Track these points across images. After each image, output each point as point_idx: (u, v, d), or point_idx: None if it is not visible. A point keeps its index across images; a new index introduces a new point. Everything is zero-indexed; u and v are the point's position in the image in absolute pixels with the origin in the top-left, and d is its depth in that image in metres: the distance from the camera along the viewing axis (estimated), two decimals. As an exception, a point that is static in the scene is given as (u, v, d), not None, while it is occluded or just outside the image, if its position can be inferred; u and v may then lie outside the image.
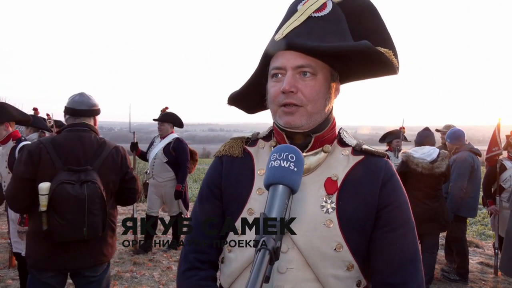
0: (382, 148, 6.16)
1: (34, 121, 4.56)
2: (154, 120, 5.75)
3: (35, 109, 5.40)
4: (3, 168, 3.59)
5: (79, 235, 2.36)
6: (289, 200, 0.87)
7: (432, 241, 4.48)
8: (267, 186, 0.88)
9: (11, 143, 3.57)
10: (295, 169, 0.88)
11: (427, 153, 4.25)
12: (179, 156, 5.53)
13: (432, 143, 4.45)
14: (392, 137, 5.96)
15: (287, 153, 0.90)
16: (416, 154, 4.26)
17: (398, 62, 1.10)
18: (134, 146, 5.75)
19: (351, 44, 1.05)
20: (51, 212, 2.30)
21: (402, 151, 4.85)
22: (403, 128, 5.70)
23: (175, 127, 5.84)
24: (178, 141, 5.60)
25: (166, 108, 5.85)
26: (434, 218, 4.30)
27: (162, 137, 5.68)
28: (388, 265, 1.07)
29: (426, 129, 4.65)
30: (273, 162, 0.89)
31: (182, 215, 5.65)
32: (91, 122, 2.66)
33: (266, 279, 0.74)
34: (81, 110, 2.60)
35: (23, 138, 3.69)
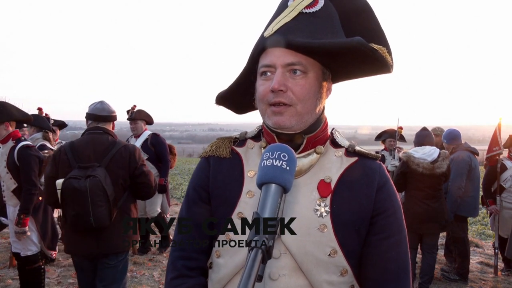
0: (379, 147, 6.12)
1: (37, 121, 4.54)
2: (128, 119, 5.57)
3: (39, 109, 5.39)
4: (1, 168, 3.58)
5: (87, 224, 2.67)
6: (282, 200, 0.86)
7: (432, 241, 4.47)
8: (260, 185, 0.87)
9: (10, 143, 3.56)
10: (288, 168, 0.87)
11: (428, 153, 4.24)
12: (159, 151, 5.36)
13: (431, 142, 4.45)
14: (386, 136, 5.94)
15: (280, 152, 0.89)
16: (417, 154, 4.25)
17: (392, 60, 1.06)
18: None
19: (343, 41, 1.01)
20: (64, 204, 2.68)
21: (402, 151, 4.83)
22: (401, 128, 5.69)
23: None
24: (155, 136, 5.45)
25: (135, 106, 5.65)
26: (435, 218, 4.29)
27: (137, 136, 5.48)
28: (383, 272, 1.06)
29: (424, 129, 4.63)
30: (265, 161, 0.88)
31: (164, 215, 5.46)
32: (110, 127, 3.02)
33: (259, 278, 0.73)
34: (102, 116, 2.98)
35: (22, 138, 3.67)
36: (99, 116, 2.96)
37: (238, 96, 1.23)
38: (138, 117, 5.50)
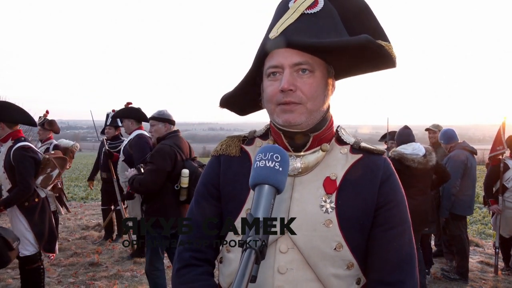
0: (382, 147, 6.20)
1: None
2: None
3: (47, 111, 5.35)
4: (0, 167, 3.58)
5: None
6: (275, 200, 0.88)
7: (416, 238, 4.38)
8: (253, 186, 0.89)
9: (9, 143, 3.55)
10: (280, 169, 0.88)
11: (418, 148, 4.25)
12: (134, 154, 4.83)
13: (414, 140, 4.44)
14: (389, 138, 5.96)
15: (272, 153, 0.90)
16: (408, 151, 4.24)
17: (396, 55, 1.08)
18: (108, 154, 5.42)
19: (351, 39, 1.03)
20: (191, 188, 3.54)
21: (391, 150, 4.84)
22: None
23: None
24: (137, 138, 4.87)
25: (129, 103, 5.32)
26: (422, 213, 4.24)
27: (129, 134, 5.16)
28: (386, 263, 1.07)
29: (406, 127, 4.62)
30: (258, 162, 0.90)
31: None
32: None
33: (253, 278, 0.74)
34: (173, 121, 3.90)
35: (22, 138, 3.62)
36: (173, 121, 3.89)
37: (241, 98, 1.25)
38: (121, 115, 5.20)
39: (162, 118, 3.81)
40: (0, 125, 3.52)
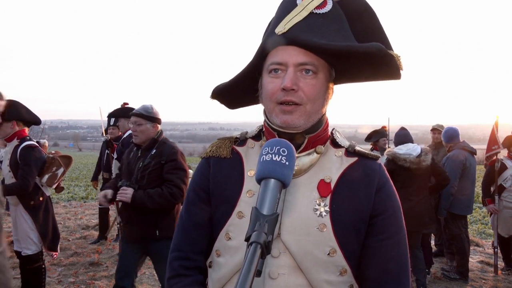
0: (366, 147, 6.28)
1: None
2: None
3: None
4: (5, 166, 3.60)
5: None
6: (281, 194, 0.87)
7: (414, 241, 4.28)
8: (259, 180, 0.87)
9: (15, 142, 3.58)
10: (287, 163, 0.87)
11: (412, 148, 4.26)
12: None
13: (411, 141, 4.45)
14: (378, 136, 6.00)
15: (279, 147, 0.89)
16: (401, 151, 4.26)
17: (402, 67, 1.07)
18: (109, 142, 5.26)
19: (363, 45, 1.01)
20: None
21: (386, 150, 4.85)
22: (385, 127, 5.89)
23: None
24: (128, 137, 4.84)
25: (125, 104, 5.27)
26: (419, 215, 4.23)
27: (123, 134, 5.22)
28: (383, 273, 1.05)
29: (403, 129, 4.64)
30: (264, 156, 0.88)
31: None
32: None
33: (258, 273, 0.73)
34: (161, 119, 3.47)
35: (27, 138, 3.66)
36: (161, 120, 3.54)
37: (236, 91, 1.21)
38: (116, 115, 5.19)
39: (152, 118, 3.22)
40: (12, 123, 3.56)
